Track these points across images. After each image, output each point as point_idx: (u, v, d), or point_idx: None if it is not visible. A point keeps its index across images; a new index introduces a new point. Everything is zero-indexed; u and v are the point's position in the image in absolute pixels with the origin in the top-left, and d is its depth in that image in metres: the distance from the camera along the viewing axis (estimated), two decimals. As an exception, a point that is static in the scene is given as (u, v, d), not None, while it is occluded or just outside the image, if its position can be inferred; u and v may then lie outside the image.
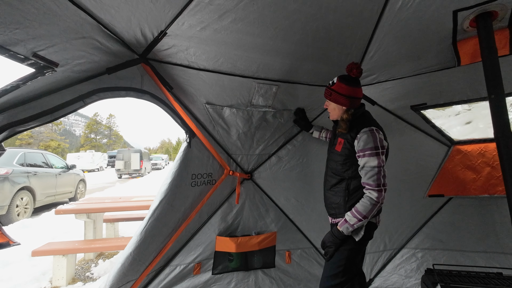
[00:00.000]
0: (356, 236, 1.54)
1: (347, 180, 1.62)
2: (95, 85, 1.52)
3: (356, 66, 1.62)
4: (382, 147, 1.50)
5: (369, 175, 1.47)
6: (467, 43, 1.71)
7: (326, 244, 1.58)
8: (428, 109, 2.21)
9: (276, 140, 2.42)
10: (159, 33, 1.53)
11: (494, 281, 1.67)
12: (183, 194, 2.09)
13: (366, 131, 1.52)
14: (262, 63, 1.88)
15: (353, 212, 1.50)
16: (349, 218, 1.50)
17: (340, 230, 1.51)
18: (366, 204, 1.46)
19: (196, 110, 2.09)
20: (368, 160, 1.48)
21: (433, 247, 2.51)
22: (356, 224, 1.48)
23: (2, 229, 1.38)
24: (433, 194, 2.48)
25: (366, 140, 1.49)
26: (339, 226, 1.53)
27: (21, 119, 1.22)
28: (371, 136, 1.49)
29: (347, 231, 1.50)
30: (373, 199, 1.44)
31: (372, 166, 1.47)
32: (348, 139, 1.59)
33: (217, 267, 2.28)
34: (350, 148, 1.58)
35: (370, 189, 1.47)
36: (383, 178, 1.47)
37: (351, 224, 1.49)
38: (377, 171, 1.46)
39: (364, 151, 1.49)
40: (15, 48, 1.05)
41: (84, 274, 3.32)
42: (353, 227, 1.49)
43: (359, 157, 1.53)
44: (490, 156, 2.30)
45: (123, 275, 1.90)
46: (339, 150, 1.63)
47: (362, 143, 1.50)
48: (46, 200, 7.19)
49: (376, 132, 1.52)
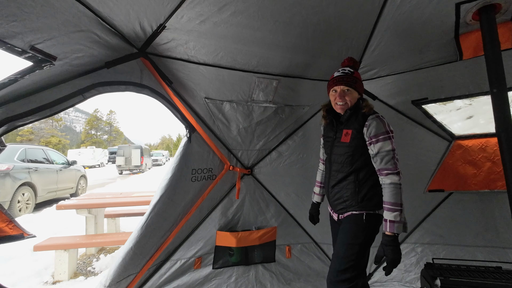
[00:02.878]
0: (405, 229, 1.46)
1: (356, 172, 1.57)
2: (94, 79, 1.51)
3: (355, 60, 1.70)
4: (392, 132, 1.49)
5: (386, 159, 1.45)
6: (470, 37, 1.69)
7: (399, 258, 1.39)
8: (429, 104, 2.20)
9: (276, 136, 2.42)
10: (158, 27, 1.52)
11: (493, 275, 1.68)
12: (183, 189, 2.10)
13: (374, 117, 1.51)
14: (263, 57, 1.86)
15: (390, 208, 1.40)
16: (392, 216, 1.39)
17: (394, 233, 1.38)
18: (395, 191, 1.40)
19: (196, 105, 2.08)
20: (383, 144, 1.45)
21: (432, 241, 2.51)
22: (402, 217, 1.39)
23: (15, 222, 1.39)
24: (433, 189, 2.48)
25: (377, 126, 1.48)
26: (388, 231, 1.39)
27: (20, 113, 1.22)
28: (380, 122, 1.49)
29: (399, 229, 1.39)
30: (397, 183, 1.41)
31: (387, 150, 1.45)
32: (356, 128, 1.55)
33: (218, 262, 2.30)
34: (359, 138, 1.55)
35: (390, 173, 1.43)
36: (397, 161, 1.46)
37: (399, 220, 1.38)
38: (393, 154, 1.45)
39: (378, 137, 1.47)
40: (13, 41, 1.04)
41: (86, 269, 3.35)
42: (402, 222, 1.39)
43: (372, 143, 1.49)
44: (491, 151, 2.29)
45: (124, 269, 1.91)
46: (348, 141, 1.58)
47: (374, 129, 1.48)
48: (47, 196, 7.22)
49: (383, 118, 1.52)
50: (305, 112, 2.39)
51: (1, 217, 1.32)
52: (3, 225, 1.31)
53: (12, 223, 1.36)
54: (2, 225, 1.31)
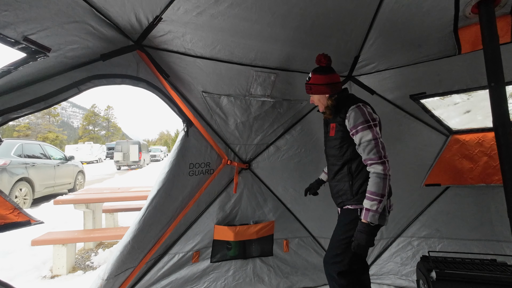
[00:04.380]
0: (383, 221, 1.47)
1: (348, 163, 1.60)
2: (89, 72, 1.49)
3: (324, 56, 1.66)
4: (373, 120, 1.49)
5: (368, 149, 1.45)
6: (468, 30, 1.69)
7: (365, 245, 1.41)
8: (427, 98, 2.20)
9: (274, 130, 2.41)
10: (154, 19, 1.50)
11: (488, 267, 1.70)
12: (180, 183, 2.09)
13: (353, 108, 1.53)
14: (260, 50, 1.85)
15: (369, 196, 1.42)
16: (369, 204, 1.41)
17: (368, 221, 1.39)
18: (376, 180, 1.40)
19: (193, 98, 2.06)
20: (363, 134, 1.47)
21: (429, 235, 2.54)
22: (380, 207, 1.39)
23: (21, 209, 1.39)
24: (430, 184, 2.50)
25: (355, 116, 1.50)
26: (363, 219, 1.41)
27: (14, 105, 1.20)
28: (359, 112, 1.50)
29: (374, 218, 1.39)
30: (380, 172, 1.40)
31: (368, 140, 1.45)
32: (339, 121, 1.60)
33: (216, 256, 2.31)
34: (343, 130, 1.58)
35: (373, 163, 1.43)
36: (382, 150, 1.44)
37: (374, 209, 1.38)
38: (374, 143, 1.44)
39: (357, 127, 1.49)
40: (5, 31, 1.02)
41: (84, 263, 3.36)
42: (378, 212, 1.39)
43: (353, 134, 1.52)
44: (488, 145, 2.30)
45: (122, 263, 1.91)
46: (333, 135, 1.64)
47: (352, 120, 1.50)
48: (45, 191, 7.20)
49: (363, 107, 1.52)
50: (303, 107, 2.38)
51: (5, 204, 1.32)
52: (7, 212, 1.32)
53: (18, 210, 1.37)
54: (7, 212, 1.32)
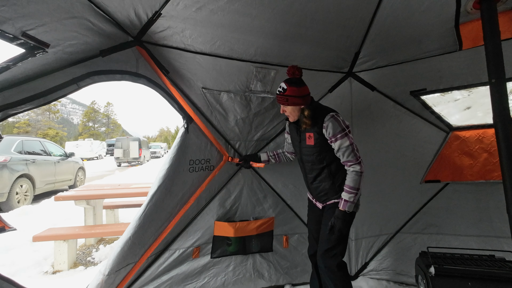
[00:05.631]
0: (356, 209, 1.75)
1: (328, 166, 1.80)
2: (88, 68, 1.48)
3: (297, 68, 1.73)
4: (347, 127, 1.70)
5: (347, 154, 1.68)
6: (470, 26, 1.68)
7: (340, 229, 1.69)
8: (428, 95, 2.20)
9: (274, 127, 2.41)
10: (154, 14, 1.49)
11: (487, 263, 1.71)
12: (181, 179, 2.10)
13: (329, 119, 1.69)
14: (260, 46, 1.84)
15: (348, 190, 1.68)
16: (347, 197, 1.67)
17: (346, 210, 1.67)
18: (355, 178, 1.66)
19: (193, 95, 2.06)
20: (342, 142, 1.67)
21: (428, 231, 2.55)
22: (355, 199, 1.67)
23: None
24: (429, 180, 2.50)
25: (333, 126, 1.67)
26: (341, 208, 1.69)
27: (13, 101, 1.20)
28: (335, 122, 1.68)
29: (351, 208, 1.68)
30: (358, 171, 1.66)
31: (346, 146, 1.67)
32: (316, 131, 1.74)
33: (216, 251, 2.32)
34: (321, 138, 1.74)
35: (352, 164, 1.67)
36: (357, 152, 1.69)
37: (351, 201, 1.67)
38: (352, 148, 1.67)
39: (336, 136, 1.67)
40: (3, 26, 1.02)
41: (86, 259, 3.38)
42: (354, 203, 1.68)
43: (332, 142, 1.71)
44: (488, 142, 2.30)
45: (123, 258, 1.93)
46: (313, 144, 1.78)
47: (331, 130, 1.67)
48: (45, 187, 7.22)
49: (337, 116, 1.70)
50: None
51: None
52: None
53: None
54: None
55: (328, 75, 2.24)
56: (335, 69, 2.21)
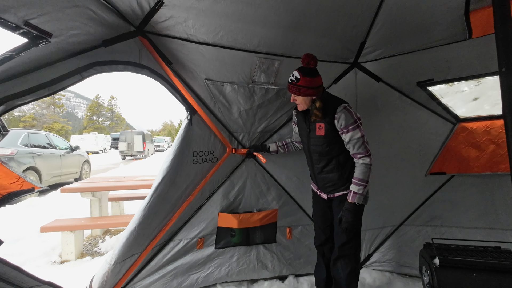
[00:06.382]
0: (365, 201, 1.74)
1: (337, 157, 1.78)
2: (91, 58, 1.47)
3: (312, 57, 1.67)
4: (359, 119, 1.68)
5: (357, 145, 1.66)
6: (480, 13, 1.63)
7: (349, 221, 1.69)
8: (435, 86, 2.15)
9: (278, 118, 2.39)
10: (156, 3, 1.47)
11: (492, 255, 1.70)
12: (184, 171, 2.11)
13: (341, 110, 1.67)
14: (264, 36, 1.81)
15: (357, 182, 1.67)
16: (356, 189, 1.67)
17: (355, 202, 1.66)
18: (364, 170, 1.65)
19: (196, 86, 2.04)
20: (353, 133, 1.65)
21: (432, 223, 2.54)
22: (364, 191, 1.67)
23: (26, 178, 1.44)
24: (434, 172, 2.48)
25: (345, 118, 1.65)
26: (350, 200, 1.68)
27: (18, 92, 1.20)
28: (348, 113, 1.66)
29: (360, 200, 1.67)
30: (368, 163, 1.65)
31: (358, 138, 1.65)
32: (328, 121, 1.72)
33: (220, 242, 2.35)
34: (332, 129, 1.72)
35: (362, 156, 1.66)
36: (367, 145, 1.68)
37: (361, 193, 1.66)
38: (362, 140, 1.66)
39: (348, 127, 1.65)
40: (5, 15, 1.01)
41: (92, 249, 3.45)
42: (363, 195, 1.67)
43: (343, 133, 1.69)
44: (496, 133, 2.26)
45: (129, 249, 1.96)
46: (323, 134, 1.75)
47: (343, 121, 1.65)
48: (52, 180, 7.33)
49: (350, 108, 1.69)
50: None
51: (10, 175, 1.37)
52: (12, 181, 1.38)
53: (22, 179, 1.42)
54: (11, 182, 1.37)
55: (333, 65, 2.20)
56: (340, 59, 2.17)
